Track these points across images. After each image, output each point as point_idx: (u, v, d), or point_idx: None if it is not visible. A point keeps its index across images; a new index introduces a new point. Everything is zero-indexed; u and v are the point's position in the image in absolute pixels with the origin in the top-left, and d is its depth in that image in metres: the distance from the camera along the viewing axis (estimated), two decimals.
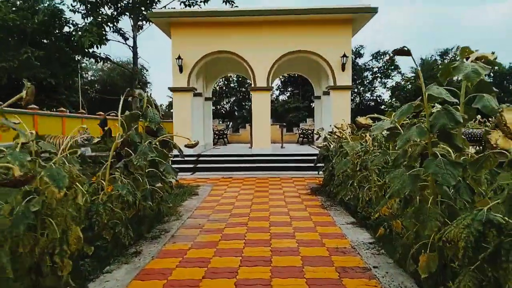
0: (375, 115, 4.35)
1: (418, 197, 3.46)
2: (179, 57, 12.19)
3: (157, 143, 5.72)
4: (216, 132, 18.41)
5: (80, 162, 3.85)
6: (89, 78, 53.09)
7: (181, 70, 12.44)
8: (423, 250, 3.10)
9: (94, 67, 50.48)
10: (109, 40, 17.76)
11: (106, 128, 5.34)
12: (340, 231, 5.27)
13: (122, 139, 5.19)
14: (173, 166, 11.29)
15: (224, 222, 5.87)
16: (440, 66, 42.63)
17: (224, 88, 40.30)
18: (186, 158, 12.23)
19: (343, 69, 12.33)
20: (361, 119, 4.46)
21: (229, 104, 40.39)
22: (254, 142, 12.67)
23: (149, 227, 5.53)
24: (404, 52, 3.11)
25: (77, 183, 3.37)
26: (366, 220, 5.33)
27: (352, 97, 14.20)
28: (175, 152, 12.21)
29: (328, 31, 12.38)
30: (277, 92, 41.22)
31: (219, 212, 6.61)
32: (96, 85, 45.25)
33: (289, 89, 41.06)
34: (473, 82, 2.79)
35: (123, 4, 17.02)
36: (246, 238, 4.99)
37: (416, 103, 3.27)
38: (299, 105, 36.40)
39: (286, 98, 40.06)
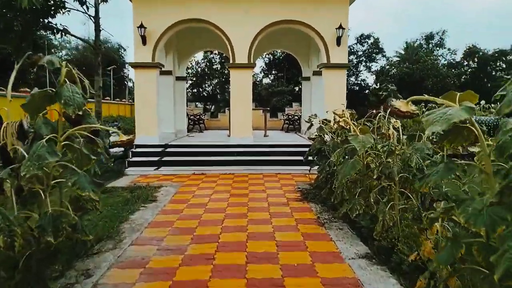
0: (425, 96, 2.56)
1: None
2: (141, 26, 10.11)
3: (79, 137, 3.83)
4: (191, 117, 16.43)
5: None
6: (62, 58, 49.98)
7: (144, 41, 10.37)
8: None
9: (68, 45, 47.20)
10: (66, 8, 15.34)
11: None
12: (351, 273, 3.56)
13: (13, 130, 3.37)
14: (133, 159, 9.38)
15: (181, 254, 4.09)
16: (425, 51, 41.90)
17: (206, 70, 38.52)
18: (149, 150, 10.33)
19: (338, 43, 10.52)
20: (400, 104, 2.68)
21: (211, 87, 38.80)
22: (233, 129, 10.84)
23: (65, 266, 3.70)
24: None
25: None
26: (390, 255, 3.63)
27: None
28: (139, 140, 10.11)
29: None
30: (260, 75, 39.72)
31: (177, 233, 4.82)
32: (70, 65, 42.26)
33: (273, 72, 39.98)
34: None
35: None
36: None
37: None
38: (283, 89, 34.98)
39: (270, 81, 38.74)
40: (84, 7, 15.15)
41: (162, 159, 9.90)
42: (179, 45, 14.37)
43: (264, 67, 39.69)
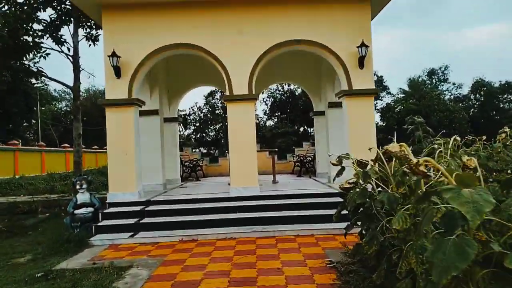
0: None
1: None
2: (113, 54, 8.21)
3: None
4: (186, 163, 14.24)
5: None
6: (62, 109, 48.98)
7: (118, 73, 8.44)
8: None
9: (68, 97, 46.55)
10: (44, 50, 13.69)
11: None
12: None
13: None
14: (104, 223, 7.25)
15: None
16: (429, 87, 41.30)
17: (208, 115, 38.56)
18: (125, 209, 8.06)
19: (361, 65, 8.53)
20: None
21: (214, 131, 38.50)
22: (233, 178, 8.59)
23: None
24: None
25: None
26: None
27: None
28: (113, 197, 7.87)
29: (336, 12, 8.65)
30: (264, 118, 39.42)
31: None
32: (70, 116, 41.50)
33: (277, 114, 39.58)
34: None
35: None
36: None
37: None
38: (287, 130, 33.95)
39: (274, 123, 38.24)
40: (65, 48, 13.62)
41: (141, 221, 7.58)
42: (168, 80, 12.54)
43: (267, 110, 39.52)
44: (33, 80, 37.55)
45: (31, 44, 13.01)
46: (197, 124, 40.59)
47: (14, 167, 23.02)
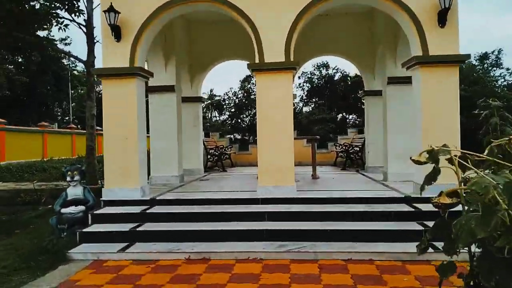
0: None
1: None
2: (111, 9, 6.35)
3: None
4: (211, 151, 12.38)
5: None
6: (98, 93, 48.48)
7: (117, 34, 6.61)
8: None
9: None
10: (55, 17, 12.22)
11: None
12: None
13: None
14: (92, 228, 5.54)
15: None
16: (480, 72, 37.21)
17: (244, 100, 37.51)
18: (122, 210, 6.31)
19: (442, 22, 6.17)
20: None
21: (249, 117, 37.50)
22: (262, 173, 6.59)
23: None
24: None
25: None
26: None
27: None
28: (109, 194, 5.49)
29: None
30: (300, 104, 37.60)
31: None
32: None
33: (314, 99, 37.79)
34: None
35: None
36: None
37: None
38: (325, 117, 31.83)
39: (310, 109, 36.47)
40: (81, 19, 12.03)
41: (139, 228, 5.80)
42: (191, 52, 10.66)
43: (303, 96, 37.90)
44: (65, 61, 37.37)
45: (41, 12, 11.51)
46: (233, 110, 39.73)
47: (43, 150, 22.41)
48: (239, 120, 40.11)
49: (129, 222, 6.00)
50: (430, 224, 5.59)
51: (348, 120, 37.15)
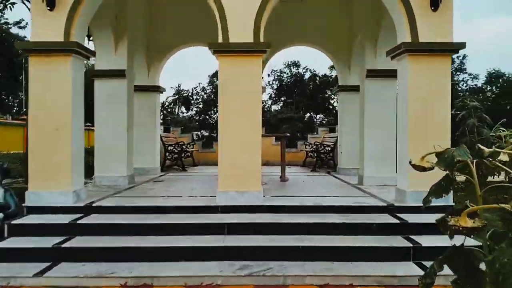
0: None
1: None
2: None
3: None
4: (169, 147, 11.17)
5: None
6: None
7: (51, 1, 5.34)
8: None
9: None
10: None
11: None
12: None
13: None
14: (7, 243, 3.83)
15: None
16: None
17: (212, 96, 36.60)
18: (47, 220, 5.07)
19: (435, 4, 5.36)
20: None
21: (217, 113, 36.34)
22: (223, 177, 5.55)
23: None
24: None
25: None
26: None
27: None
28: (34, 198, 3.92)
29: None
30: (269, 102, 37.24)
31: None
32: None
33: (282, 98, 37.73)
34: None
35: None
36: None
37: None
38: (293, 116, 31.63)
39: (279, 108, 36.32)
40: None
41: (64, 244, 4.60)
42: (149, 33, 9.47)
43: (272, 94, 37.60)
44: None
45: None
46: (201, 106, 38.79)
47: None
48: (207, 117, 39.22)
49: (55, 235, 4.79)
50: (419, 239, 4.78)
51: (315, 120, 37.07)
